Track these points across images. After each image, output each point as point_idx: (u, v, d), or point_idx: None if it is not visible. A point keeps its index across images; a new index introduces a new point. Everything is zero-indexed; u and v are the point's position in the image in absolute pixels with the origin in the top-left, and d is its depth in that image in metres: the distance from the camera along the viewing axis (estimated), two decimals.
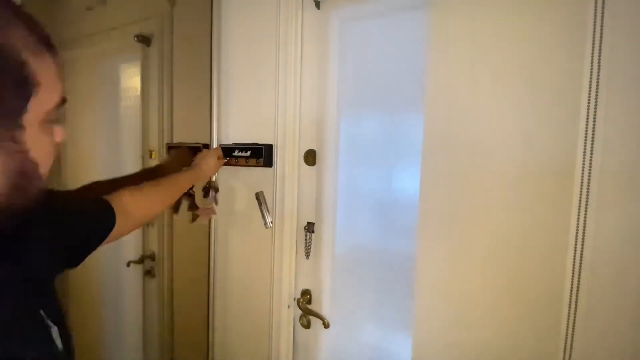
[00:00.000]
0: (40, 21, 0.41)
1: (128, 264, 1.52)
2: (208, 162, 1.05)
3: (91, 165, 1.73)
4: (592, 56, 0.66)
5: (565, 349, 0.71)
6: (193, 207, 1.25)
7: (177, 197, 0.97)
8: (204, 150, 1.14)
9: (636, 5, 0.63)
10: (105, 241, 0.69)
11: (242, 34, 1.14)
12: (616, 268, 0.66)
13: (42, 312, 0.46)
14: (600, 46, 0.66)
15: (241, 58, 1.15)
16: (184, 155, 1.25)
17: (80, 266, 0.66)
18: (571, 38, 0.68)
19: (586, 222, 0.68)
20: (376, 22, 0.97)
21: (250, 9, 1.12)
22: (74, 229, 0.62)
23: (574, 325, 0.70)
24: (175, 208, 1.28)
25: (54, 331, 0.48)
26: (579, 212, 0.69)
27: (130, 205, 0.75)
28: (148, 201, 0.83)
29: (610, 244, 0.67)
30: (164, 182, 0.91)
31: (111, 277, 1.67)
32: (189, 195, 1.26)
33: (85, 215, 0.67)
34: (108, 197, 0.72)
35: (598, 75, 0.66)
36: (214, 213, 1.20)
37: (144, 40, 1.44)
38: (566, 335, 0.70)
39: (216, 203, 1.20)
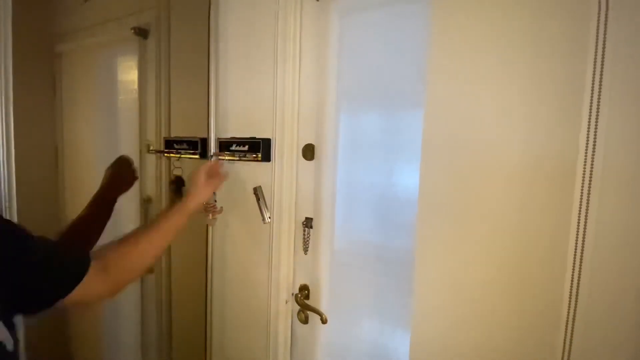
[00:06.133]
0: None
1: None
2: (197, 186, 0.93)
3: (88, 159, 1.72)
4: (596, 55, 0.65)
5: (564, 346, 0.70)
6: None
7: (168, 243, 0.89)
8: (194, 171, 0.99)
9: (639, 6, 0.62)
10: (77, 297, 0.63)
11: (240, 26, 1.12)
12: (616, 267, 0.65)
13: None
14: (603, 45, 0.64)
15: (239, 51, 1.13)
16: (124, 167, 1.19)
17: None
18: (575, 36, 0.67)
19: (587, 221, 0.67)
20: (376, 14, 0.96)
21: (248, 0, 1.10)
22: (21, 280, 0.58)
23: (573, 323, 0.69)
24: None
25: None
26: (579, 211, 0.68)
27: (111, 265, 0.70)
28: (133, 263, 0.77)
29: (611, 243, 0.66)
30: (148, 236, 0.82)
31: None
32: (179, 191, 1.26)
33: (41, 266, 0.61)
34: (92, 252, 0.69)
35: (601, 74, 0.65)
36: (219, 212, 1.15)
37: (141, 32, 1.42)
38: (565, 332, 0.70)
39: (214, 200, 1.19)
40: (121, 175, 1.17)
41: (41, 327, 0.76)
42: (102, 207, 1.08)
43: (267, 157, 1.06)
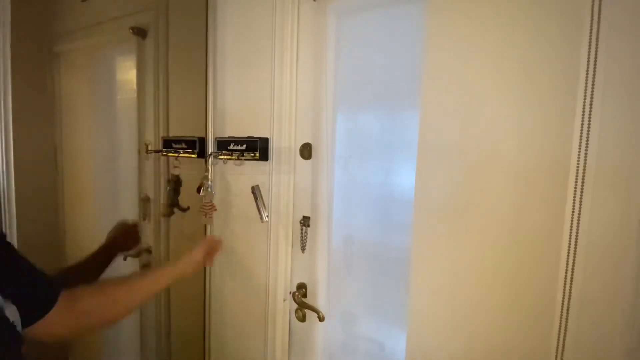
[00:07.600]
0: None
1: (125, 258, 1.52)
2: (191, 260, 0.95)
3: (87, 158, 1.73)
4: (589, 54, 0.66)
5: (558, 341, 0.71)
6: (174, 205, 1.26)
7: (143, 300, 0.86)
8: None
9: (632, 5, 0.63)
10: (40, 329, 0.62)
11: (238, 27, 1.13)
12: (608, 263, 0.66)
13: None
14: (596, 44, 0.65)
15: (237, 51, 1.14)
16: (127, 232, 1.28)
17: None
18: (569, 35, 0.68)
19: (580, 218, 0.68)
20: (374, 15, 0.96)
21: (246, 1, 1.10)
22: None
23: (566, 322, 0.70)
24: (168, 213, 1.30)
25: None
26: (573, 208, 0.68)
27: (80, 303, 0.69)
28: (102, 306, 0.74)
29: (603, 240, 0.66)
30: (125, 287, 0.80)
31: (108, 271, 1.67)
32: (175, 191, 1.27)
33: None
34: (66, 290, 0.67)
35: (594, 73, 0.66)
36: (215, 209, 1.16)
37: (140, 32, 1.43)
38: (559, 330, 0.71)
39: (212, 198, 1.20)
40: (124, 238, 1.27)
41: None
42: (100, 261, 1.16)
43: (264, 157, 1.07)
